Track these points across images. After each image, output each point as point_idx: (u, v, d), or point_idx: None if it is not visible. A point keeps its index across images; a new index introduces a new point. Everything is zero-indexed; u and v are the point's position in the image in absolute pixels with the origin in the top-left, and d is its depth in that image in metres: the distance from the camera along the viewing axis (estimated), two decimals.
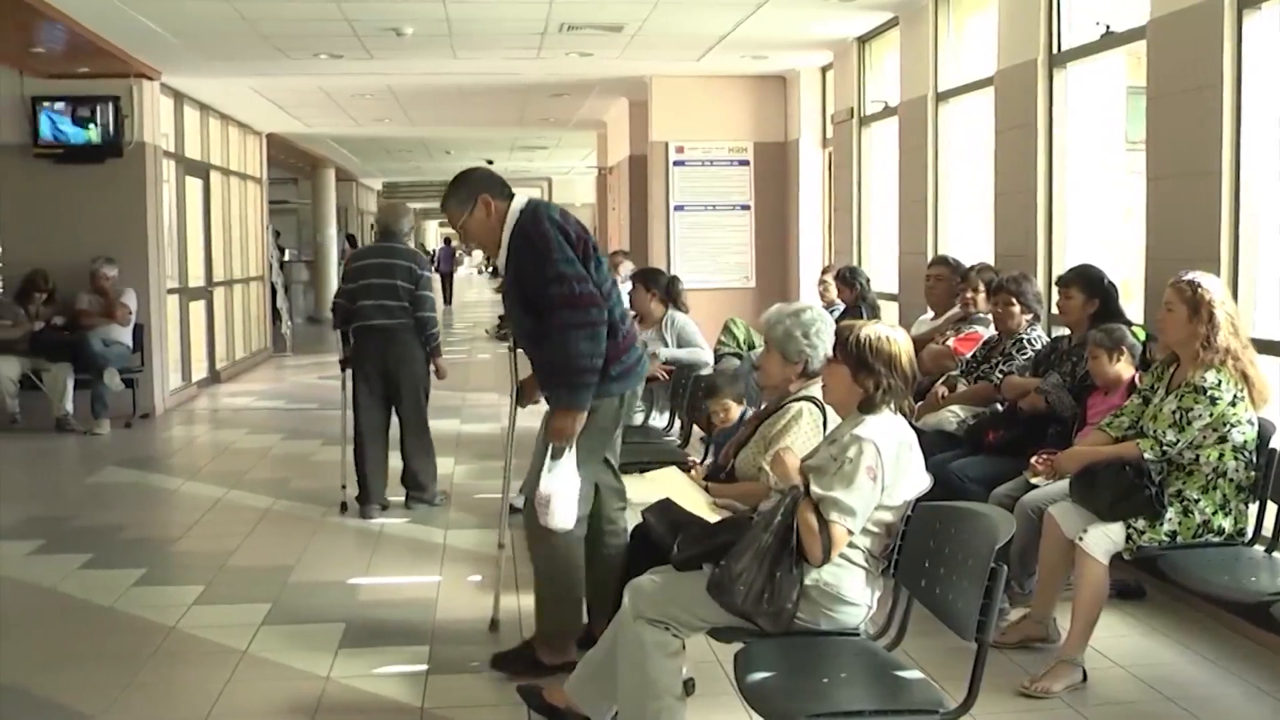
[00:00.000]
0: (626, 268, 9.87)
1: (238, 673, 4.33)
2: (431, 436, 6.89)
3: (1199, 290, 4.12)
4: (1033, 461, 4.57)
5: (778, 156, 11.72)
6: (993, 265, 6.68)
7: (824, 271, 9.23)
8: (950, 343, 6.28)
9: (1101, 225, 6.58)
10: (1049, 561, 4.34)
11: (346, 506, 6.80)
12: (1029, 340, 5.60)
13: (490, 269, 39.85)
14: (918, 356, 3.52)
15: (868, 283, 8.15)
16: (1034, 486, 4.59)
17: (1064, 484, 4.36)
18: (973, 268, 6.58)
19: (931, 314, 6.96)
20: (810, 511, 3.15)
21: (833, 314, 7.43)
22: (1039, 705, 3.93)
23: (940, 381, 5.83)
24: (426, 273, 6.75)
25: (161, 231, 10.97)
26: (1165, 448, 4.10)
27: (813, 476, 3.23)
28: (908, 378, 3.32)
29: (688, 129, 11.59)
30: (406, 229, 6.97)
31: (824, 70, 11.04)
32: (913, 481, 3.24)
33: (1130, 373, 4.70)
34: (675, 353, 7.09)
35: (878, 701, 2.91)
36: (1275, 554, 4.08)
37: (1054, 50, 6.54)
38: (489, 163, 18.65)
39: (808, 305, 4.33)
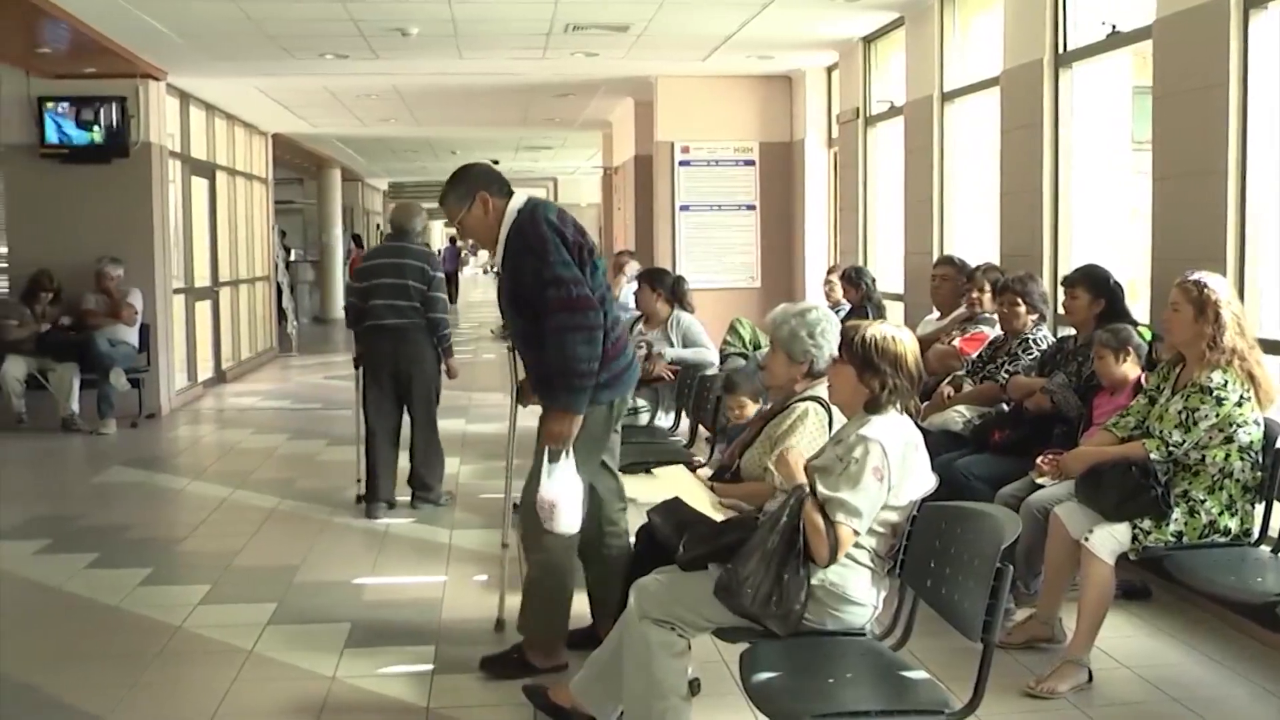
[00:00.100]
0: (632, 268, 9.85)
1: (243, 672, 4.34)
2: (440, 437, 6.89)
3: (1205, 290, 4.11)
4: (1038, 462, 4.56)
5: (783, 156, 11.69)
6: (998, 265, 6.67)
7: (829, 271, 9.23)
8: (956, 343, 6.26)
9: (1107, 225, 6.57)
10: (1054, 562, 4.33)
11: (361, 498, 6.81)
12: (1035, 340, 5.58)
13: (495, 269, 39.75)
14: (923, 356, 3.51)
15: (873, 283, 8.13)
16: (1040, 487, 4.58)
17: (1070, 484, 4.35)
18: (978, 268, 6.57)
19: (937, 314, 6.95)
20: (816, 512, 3.15)
21: (838, 314, 7.35)
22: (1044, 706, 3.92)
23: (946, 381, 5.82)
24: (439, 273, 6.75)
25: (167, 232, 10.99)
26: (1171, 448, 4.10)
27: (819, 477, 3.23)
28: (913, 378, 3.31)
29: (693, 129, 11.57)
30: (419, 228, 6.97)
31: (829, 70, 11.01)
32: (918, 482, 3.24)
33: (1136, 373, 4.69)
34: (681, 353, 7.08)
35: (883, 702, 2.90)
36: None
37: (1060, 50, 6.52)
38: (495, 163, 18.63)
39: (813, 305, 4.31)
